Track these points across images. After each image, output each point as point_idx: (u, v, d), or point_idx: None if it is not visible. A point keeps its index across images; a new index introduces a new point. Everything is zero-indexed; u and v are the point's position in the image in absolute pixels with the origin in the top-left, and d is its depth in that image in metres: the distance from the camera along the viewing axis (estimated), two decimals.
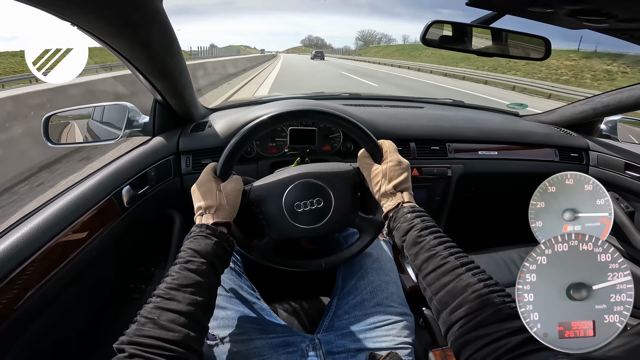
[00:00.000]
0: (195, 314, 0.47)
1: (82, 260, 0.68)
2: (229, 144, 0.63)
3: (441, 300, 0.45)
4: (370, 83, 13.22)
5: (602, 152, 1.26)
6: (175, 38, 0.68)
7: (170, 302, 0.46)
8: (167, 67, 0.76)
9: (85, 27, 0.52)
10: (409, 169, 0.63)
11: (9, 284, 0.53)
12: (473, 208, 1.44)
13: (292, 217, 0.67)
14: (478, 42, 0.76)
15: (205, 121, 1.05)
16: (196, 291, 0.48)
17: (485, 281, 0.44)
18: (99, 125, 1.03)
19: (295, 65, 27.34)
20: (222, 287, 0.68)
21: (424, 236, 0.52)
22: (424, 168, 1.13)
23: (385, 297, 0.71)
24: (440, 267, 0.47)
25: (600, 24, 0.54)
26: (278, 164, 1.02)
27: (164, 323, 0.44)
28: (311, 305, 0.84)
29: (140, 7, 0.52)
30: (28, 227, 0.60)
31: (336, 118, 0.66)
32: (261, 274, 0.82)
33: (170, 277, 0.49)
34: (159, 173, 0.92)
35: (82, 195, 0.71)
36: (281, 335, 0.65)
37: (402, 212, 0.57)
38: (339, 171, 0.70)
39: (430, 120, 1.22)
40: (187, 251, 0.53)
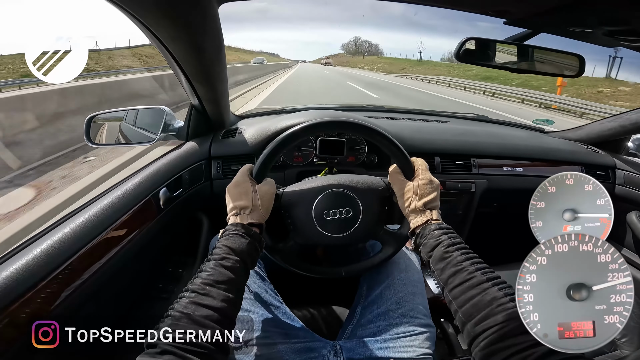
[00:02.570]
0: (227, 310, 0.48)
1: (121, 258, 0.70)
2: (267, 147, 0.66)
3: (466, 312, 0.47)
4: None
5: (628, 171, 1.24)
6: (223, 46, 0.72)
7: (206, 297, 0.47)
8: (212, 73, 0.79)
9: (153, 30, 0.57)
10: (439, 189, 0.65)
11: (53, 279, 0.56)
12: (494, 223, 1.43)
13: (320, 224, 0.69)
14: (512, 58, 0.77)
15: (235, 128, 1.09)
16: (229, 288, 0.50)
17: (511, 295, 0.45)
18: (135, 128, 1.08)
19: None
20: (247, 289, 0.70)
21: (450, 252, 0.53)
22: (448, 182, 1.13)
23: (411, 308, 0.72)
24: (466, 281, 0.49)
25: (636, 42, 0.55)
26: (305, 173, 1.04)
27: (198, 319, 0.45)
28: (330, 312, 0.85)
29: (201, 13, 0.56)
30: (75, 223, 0.63)
31: (374, 132, 0.68)
32: (283, 279, 0.83)
33: (205, 272, 0.51)
34: (192, 177, 0.96)
35: (125, 195, 0.74)
36: (303, 340, 0.67)
37: (430, 228, 0.59)
38: (371, 184, 0.72)
39: (454, 135, 1.22)
40: (223, 248, 0.55)
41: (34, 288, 0.52)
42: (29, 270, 0.53)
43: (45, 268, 0.55)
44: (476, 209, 1.21)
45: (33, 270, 0.53)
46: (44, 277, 0.54)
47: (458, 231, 1.23)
